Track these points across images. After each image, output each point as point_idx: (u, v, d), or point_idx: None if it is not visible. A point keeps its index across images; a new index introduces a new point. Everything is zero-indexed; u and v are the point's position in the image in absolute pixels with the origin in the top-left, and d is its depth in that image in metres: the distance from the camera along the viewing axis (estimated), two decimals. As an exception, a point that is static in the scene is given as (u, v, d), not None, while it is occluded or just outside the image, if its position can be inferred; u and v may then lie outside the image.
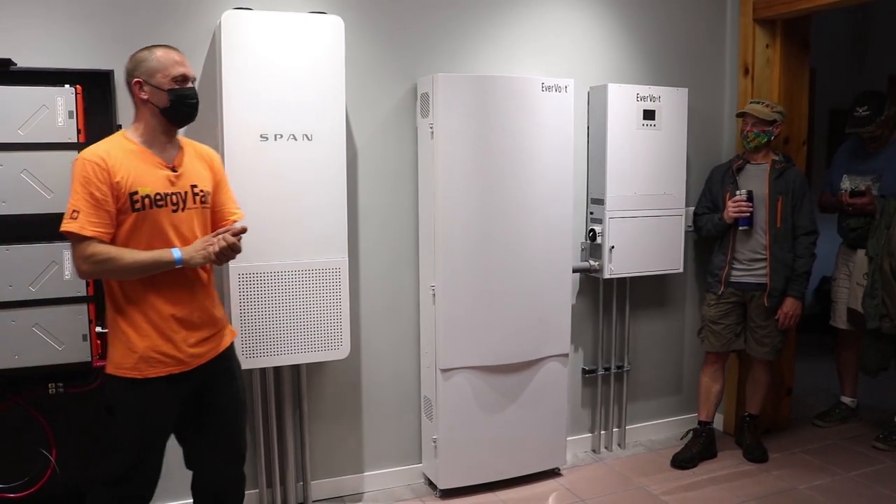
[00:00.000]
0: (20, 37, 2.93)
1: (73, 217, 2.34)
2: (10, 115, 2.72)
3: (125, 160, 2.41)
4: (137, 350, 2.43)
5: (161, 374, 2.46)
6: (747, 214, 3.82)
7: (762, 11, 4.12)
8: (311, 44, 3.06)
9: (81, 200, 2.34)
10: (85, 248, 2.35)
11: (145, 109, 2.50)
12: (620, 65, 4.05)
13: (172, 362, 2.48)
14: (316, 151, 3.10)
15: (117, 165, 2.38)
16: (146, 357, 2.43)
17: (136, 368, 2.43)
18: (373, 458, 3.71)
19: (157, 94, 2.47)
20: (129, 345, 2.43)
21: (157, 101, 2.47)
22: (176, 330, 2.49)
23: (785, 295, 3.87)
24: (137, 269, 2.40)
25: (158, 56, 2.49)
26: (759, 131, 3.84)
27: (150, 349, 2.44)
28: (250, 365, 3.11)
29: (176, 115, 2.51)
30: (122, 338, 2.45)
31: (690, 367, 4.45)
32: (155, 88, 2.46)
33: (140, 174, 2.43)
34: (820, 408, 4.67)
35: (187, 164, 2.57)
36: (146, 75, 2.47)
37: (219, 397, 2.66)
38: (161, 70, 2.47)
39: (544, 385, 3.73)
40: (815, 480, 3.80)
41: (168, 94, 2.47)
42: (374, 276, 3.61)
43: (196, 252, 2.43)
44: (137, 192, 2.40)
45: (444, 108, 3.35)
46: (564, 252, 3.69)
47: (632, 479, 3.84)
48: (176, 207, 2.50)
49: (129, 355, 2.43)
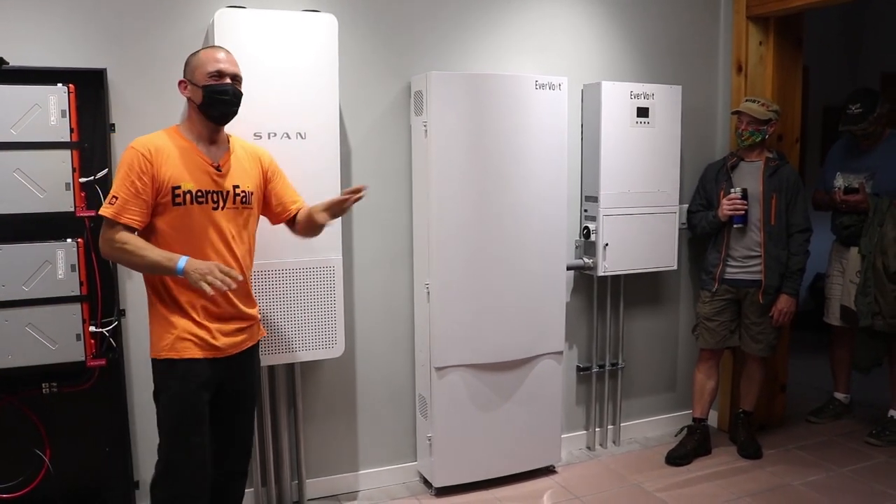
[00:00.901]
0: (12, 35, 2.91)
1: (111, 202, 2.42)
2: (2, 115, 2.73)
3: (172, 154, 2.48)
4: (174, 331, 2.50)
5: (197, 357, 2.52)
6: (742, 212, 3.83)
7: (755, 9, 4.13)
8: (305, 42, 3.06)
9: (122, 187, 2.42)
10: (114, 233, 2.42)
11: (189, 108, 2.59)
12: (614, 63, 4.05)
13: (208, 347, 2.54)
14: (310, 149, 3.09)
15: (163, 159, 2.46)
16: (182, 337, 2.50)
17: (173, 349, 2.50)
18: (368, 456, 3.71)
19: (195, 91, 2.54)
20: (166, 326, 2.51)
21: (195, 97, 2.54)
22: (209, 320, 2.55)
23: (779, 292, 3.89)
24: (145, 266, 2.47)
25: (200, 55, 2.58)
26: (754, 129, 3.85)
27: (185, 330, 2.51)
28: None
29: (211, 110, 2.54)
30: (160, 320, 2.53)
31: (685, 364, 4.46)
32: (194, 86, 2.54)
33: (184, 170, 2.49)
34: (814, 404, 4.68)
35: (233, 164, 2.62)
36: (188, 74, 2.56)
37: (238, 391, 2.71)
38: (199, 67, 2.54)
39: (539, 382, 3.73)
40: (809, 476, 3.81)
41: (203, 90, 2.52)
42: (368, 274, 3.61)
43: (197, 274, 2.38)
44: (180, 186, 2.47)
45: (437, 106, 3.34)
46: (559, 249, 3.70)
47: (626, 477, 3.85)
48: (216, 205, 2.55)
49: (165, 336, 2.51)
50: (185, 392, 2.51)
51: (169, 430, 2.54)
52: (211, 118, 2.55)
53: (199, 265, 2.40)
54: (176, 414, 2.52)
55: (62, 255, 2.82)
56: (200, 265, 2.41)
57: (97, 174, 2.95)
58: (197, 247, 2.50)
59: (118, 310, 3.04)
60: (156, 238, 2.49)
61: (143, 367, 3.15)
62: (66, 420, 3.08)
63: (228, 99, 2.55)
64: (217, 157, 2.58)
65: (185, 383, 2.51)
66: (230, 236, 2.58)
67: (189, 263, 2.40)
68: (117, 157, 3.00)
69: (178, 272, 2.40)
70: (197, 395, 2.53)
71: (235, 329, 2.63)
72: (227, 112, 2.58)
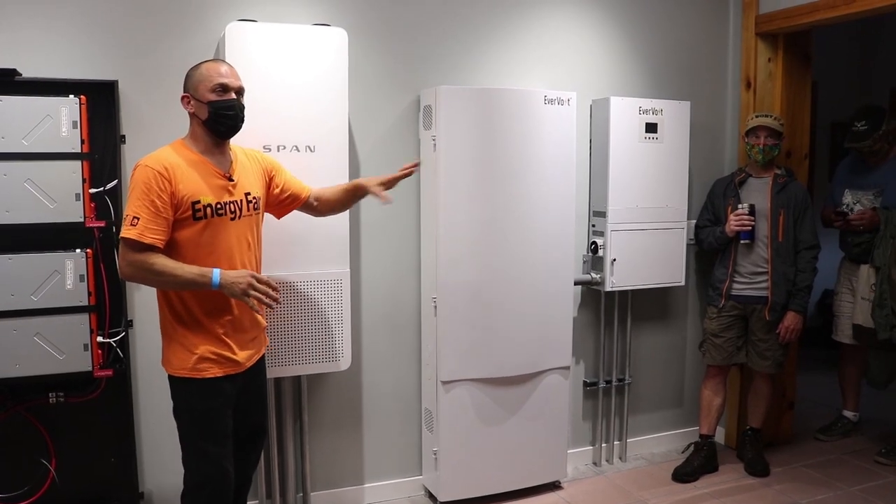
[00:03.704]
0: (25, 47, 2.94)
1: (132, 224, 2.35)
2: (14, 125, 2.74)
3: (187, 170, 2.44)
4: (196, 351, 2.48)
5: (219, 375, 2.52)
6: (749, 228, 3.82)
7: (764, 25, 4.14)
8: (315, 56, 3.08)
9: (142, 208, 2.36)
10: (136, 255, 2.37)
11: (194, 123, 2.54)
12: (623, 78, 4.06)
13: (228, 364, 2.54)
14: (319, 163, 3.10)
15: (179, 175, 2.42)
16: (204, 357, 2.49)
17: (195, 370, 2.48)
18: (373, 469, 3.70)
19: (199, 106, 2.51)
20: (187, 346, 2.48)
21: (200, 113, 2.51)
22: (230, 334, 2.55)
23: (786, 309, 3.87)
24: (176, 285, 2.44)
25: (202, 69, 2.53)
26: (773, 144, 3.85)
27: (208, 350, 2.49)
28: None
29: (217, 126, 2.52)
30: (180, 339, 2.50)
31: (692, 380, 4.44)
32: (198, 102, 2.50)
33: (201, 184, 2.47)
34: (822, 422, 4.65)
35: (240, 172, 2.62)
36: (192, 89, 2.52)
37: (251, 400, 2.73)
38: (202, 82, 2.50)
39: (545, 397, 3.72)
40: (817, 495, 3.78)
41: (207, 106, 2.49)
42: (375, 287, 3.61)
43: (237, 288, 2.42)
44: (199, 201, 2.44)
45: (446, 120, 3.35)
46: (566, 264, 3.69)
47: (632, 493, 3.83)
48: (234, 216, 2.55)
49: (187, 357, 2.48)
50: (209, 411, 2.52)
51: (195, 447, 2.54)
52: (217, 133, 2.54)
53: (235, 277, 2.43)
54: (201, 431, 2.53)
55: (71, 266, 2.83)
56: (236, 277, 2.43)
57: (107, 185, 2.97)
58: (220, 259, 2.50)
59: (126, 320, 3.05)
60: (176, 253, 2.45)
61: (150, 377, 3.15)
62: (73, 430, 3.08)
63: (234, 114, 2.53)
64: (226, 168, 2.58)
65: (209, 401, 2.52)
66: (248, 244, 2.61)
67: (223, 277, 2.41)
68: (127, 168, 3.02)
69: (213, 286, 2.40)
70: (219, 412, 2.55)
71: (251, 340, 2.66)
72: (234, 127, 2.56)
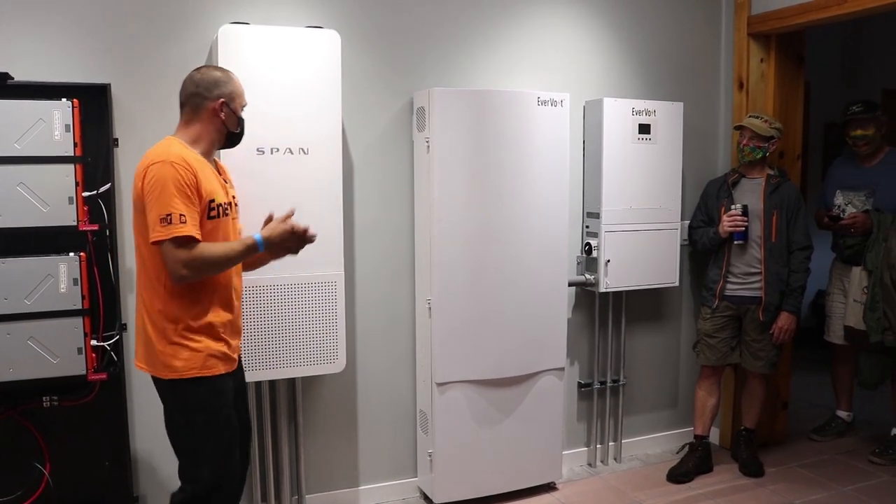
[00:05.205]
0: (17, 51, 2.94)
1: (182, 221, 2.29)
2: (6, 129, 2.74)
3: (199, 167, 2.41)
4: (202, 349, 2.44)
5: (222, 372, 2.50)
6: (742, 229, 3.83)
7: (756, 26, 4.15)
8: (308, 58, 3.08)
9: (182, 204, 2.30)
10: (190, 251, 2.31)
11: (213, 127, 2.51)
12: (616, 79, 4.07)
13: (228, 361, 2.53)
14: (312, 165, 3.10)
15: (198, 171, 2.39)
16: (211, 355, 2.46)
17: (205, 367, 2.43)
18: (368, 472, 3.70)
19: (232, 117, 2.54)
20: (192, 346, 2.42)
21: (231, 124, 2.54)
22: (230, 335, 2.54)
23: (780, 309, 3.88)
24: (233, 263, 2.49)
25: (237, 82, 2.57)
26: (755, 146, 3.86)
27: (212, 348, 2.46)
28: (246, 378, 3.09)
29: (235, 140, 2.62)
30: (181, 343, 2.41)
31: (686, 380, 4.45)
32: (232, 112, 2.53)
33: (214, 183, 2.47)
34: (816, 422, 4.66)
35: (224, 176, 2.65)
36: (229, 98, 2.51)
37: (238, 398, 2.69)
38: (240, 97, 2.57)
39: (540, 399, 3.73)
40: (811, 495, 3.79)
41: (240, 121, 2.58)
42: (370, 289, 3.61)
43: (280, 248, 2.51)
44: (214, 199, 2.44)
45: (440, 122, 3.36)
46: (560, 266, 3.70)
47: (627, 494, 3.84)
48: (233, 217, 2.59)
49: (193, 356, 2.42)
50: (224, 408, 2.50)
51: (216, 448, 2.47)
52: (230, 145, 2.62)
53: (273, 234, 2.48)
54: (221, 430, 2.49)
55: (64, 269, 2.83)
56: (273, 234, 2.48)
57: (100, 188, 2.96)
58: None
59: (120, 324, 3.04)
60: None
61: (144, 381, 3.13)
62: (67, 434, 3.08)
63: (244, 135, 2.65)
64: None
65: (223, 398, 2.50)
66: None
67: (267, 242, 2.46)
68: (121, 171, 3.03)
69: (260, 249, 2.46)
70: (230, 408, 2.54)
71: (239, 336, 2.66)
72: (238, 144, 2.66)
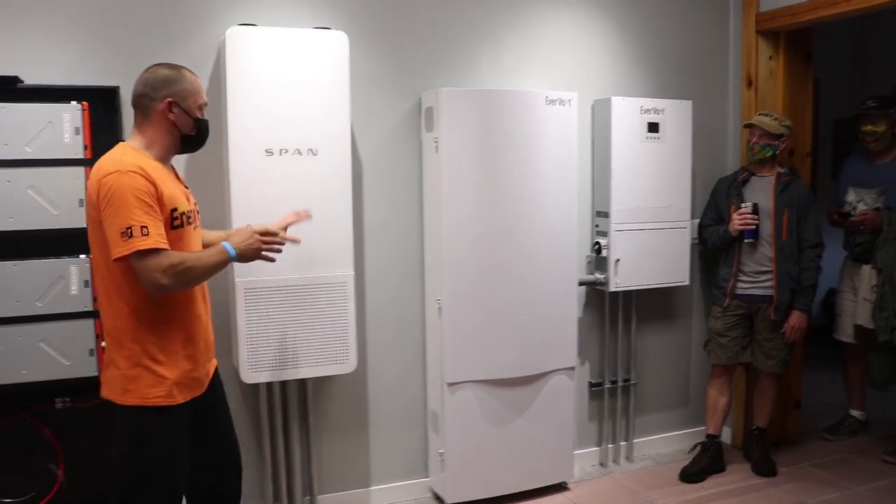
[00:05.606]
0: (27, 54, 2.95)
1: (144, 234, 2.12)
2: (17, 132, 2.75)
3: (157, 175, 2.24)
4: (170, 376, 2.27)
5: (188, 399, 2.34)
6: (752, 227, 3.82)
7: (765, 23, 4.14)
8: (316, 59, 3.08)
9: (144, 215, 2.14)
10: (163, 261, 2.15)
11: (164, 129, 2.34)
12: (624, 78, 4.06)
13: (197, 385, 2.39)
14: (321, 166, 3.10)
15: (157, 180, 2.21)
16: (178, 382, 2.29)
17: (170, 396, 2.27)
18: (380, 472, 3.70)
19: (184, 118, 2.35)
20: (158, 373, 2.25)
21: (183, 125, 2.35)
22: (202, 350, 2.40)
23: (791, 308, 3.86)
24: (207, 274, 2.32)
25: (190, 79, 2.38)
26: (765, 144, 3.84)
27: (182, 374, 2.31)
28: (256, 379, 3.10)
29: (193, 143, 2.42)
30: (147, 367, 2.24)
31: (697, 379, 4.43)
32: (183, 112, 2.34)
33: (174, 190, 2.32)
34: (828, 421, 4.63)
35: None
36: (178, 97, 2.33)
37: (217, 413, 2.58)
38: (192, 95, 2.36)
39: (551, 398, 3.72)
40: (824, 495, 3.77)
41: (195, 122, 2.38)
42: (380, 289, 3.61)
43: (248, 250, 2.38)
44: (177, 208, 2.28)
45: (448, 122, 3.36)
46: (570, 265, 3.69)
47: (640, 493, 3.82)
48: (195, 224, 2.45)
49: (160, 383, 2.25)
50: (180, 438, 2.34)
51: (160, 482, 2.29)
52: (187, 149, 2.44)
53: (245, 242, 2.38)
54: (170, 464, 2.31)
55: (75, 271, 2.84)
56: (246, 242, 2.38)
57: (110, 191, 2.95)
58: None
59: (130, 325, 3.04)
60: None
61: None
62: (80, 435, 3.09)
63: (207, 136, 2.46)
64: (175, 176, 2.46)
65: (178, 430, 2.33)
66: None
67: (236, 247, 2.35)
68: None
69: (233, 259, 2.34)
70: (185, 440, 2.37)
71: (210, 356, 2.50)
72: (202, 146, 2.48)
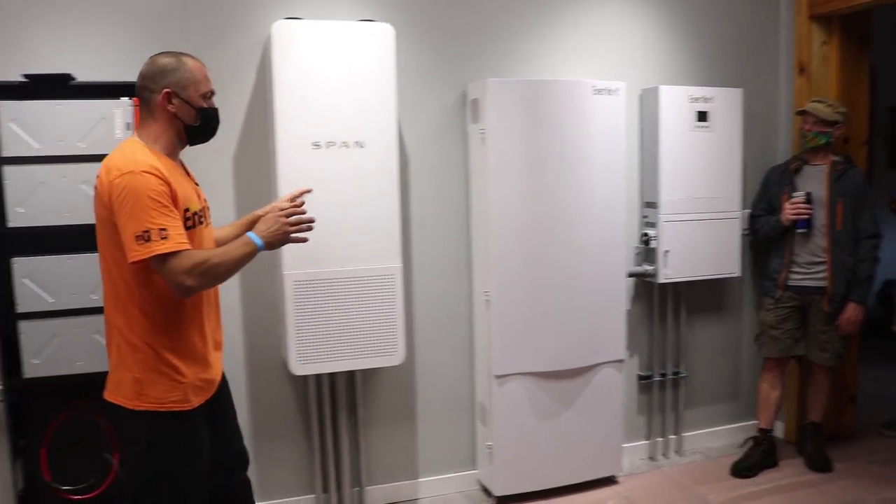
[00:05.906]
0: (78, 51, 3.02)
1: (163, 237, 2.05)
2: (70, 128, 2.81)
3: (170, 175, 2.17)
4: (185, 380, 2.23)
5: (202, 402, 2.30)
6: (806, 217, 3.73)
7: (818, 7, 4.03)
8: (362, 51, 3.08)
9: (161, 216, 2.07)
10: (185, 262, 2.09)
11: (165, 122, 2.26)
12: (672, 66, 4.00)
13: (209, 387, 2.35)
14: (368, 158, 3.11)
15: (170, 180, 2.15)
16: (193, 386, 2.25)
17: (185, 400, 2.22)
18: (427, 464, 3.71)
19: (185, 109, 2.26)
20: (174, 377, 2.21)
21: (185, 116, 2.27)
22: (212, 351, 2.37)
23: (846, 300, 3.77)
24: (236, 267, 2.23)
25: (190, 67, 2.28)
26: (819, 131, 3.75)
27: (196, 377, 2.26)
28: (305, 371, 3.13)
29: (200, 134, 2.33)
30: (162, 370, 2.19)
31: (748, 373, 4.35)
32: (184, 102, 2.25)
33: (186, 189, 2.26)
34: (886, 416, 4.52)
35: None
36: (177, 87, 2.24)
37: (226, 410, 2.55)
38: (193, 83, 2.27)
39: (599, 391, 3.69)
40: (883, 492, 3.67)
41: (198, 112, 2.28)
42: (427, 282, 3.61)
43: (271, 234, 2.29)
44: (189, 208, 2.23)
45: (494, 113, 3.34)
46: (618, 256, 3.65)
47: (690, 487, 3.77)
48: (206, 224, 2.39)
49: (175, 387, 2.21)
50: (196, 442, 2.28)
51: (173, 484, 2.23)
52: (195, 141, 2.34)
53: (270, 230, 2.30)
54: (186, 470, 2.26)
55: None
56: (271, 229, 2.30)
57: (161, 185, 2.98)
58: None
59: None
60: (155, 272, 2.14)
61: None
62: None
63: (218, 125, 2.38)
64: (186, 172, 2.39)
65: (196, 435, 2.28)
66: None
67: (262, 236, 2.27)
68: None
69: (259, 248, 2.25)
70: (204, 444, 2.31)
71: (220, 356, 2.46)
72: (213, 136, 2.39)
